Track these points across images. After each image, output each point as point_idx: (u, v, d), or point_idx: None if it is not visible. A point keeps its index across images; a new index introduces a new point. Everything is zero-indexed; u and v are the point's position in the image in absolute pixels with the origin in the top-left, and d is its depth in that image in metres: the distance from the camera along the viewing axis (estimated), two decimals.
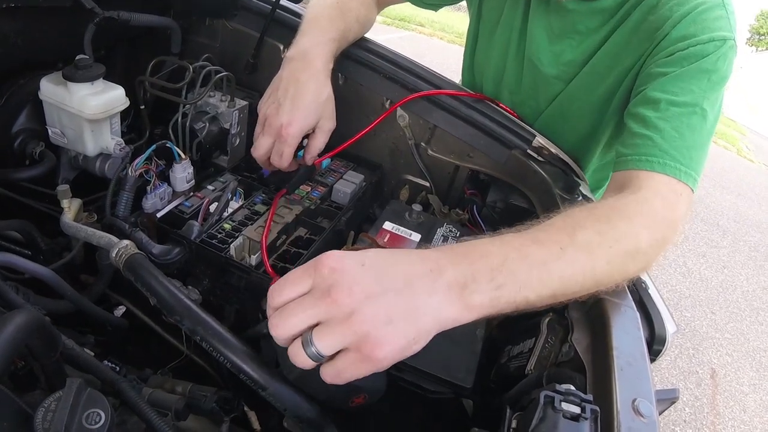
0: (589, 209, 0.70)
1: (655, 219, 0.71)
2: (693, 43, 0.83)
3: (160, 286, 0.62)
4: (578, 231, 0.64)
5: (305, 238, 0.89)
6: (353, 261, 0.52)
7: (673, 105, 0.81)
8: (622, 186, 0.78)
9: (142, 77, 0.92)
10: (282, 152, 0.90)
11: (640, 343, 0.66)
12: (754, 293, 4.27)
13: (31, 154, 0.86)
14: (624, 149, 0.83)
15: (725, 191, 6.62)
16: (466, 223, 1.09)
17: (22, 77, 0.85)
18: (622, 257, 0.66)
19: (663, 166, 0.77)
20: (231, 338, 0.58)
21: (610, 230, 0.66)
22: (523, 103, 1.16)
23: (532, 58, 1.09)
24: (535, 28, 1.06)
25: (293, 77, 0.91)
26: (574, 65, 1.04)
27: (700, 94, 0.81)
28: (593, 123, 1.08)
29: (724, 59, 0.83)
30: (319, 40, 0.95)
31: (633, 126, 0.84)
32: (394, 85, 1.09)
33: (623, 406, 0.54)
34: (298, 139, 0.90)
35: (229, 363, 0.58)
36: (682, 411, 2.78)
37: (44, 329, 0.48)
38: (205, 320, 0.59)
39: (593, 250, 0.63)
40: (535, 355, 0.70)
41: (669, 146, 0.78)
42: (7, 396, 0.42)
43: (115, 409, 0.55)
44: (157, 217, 0.85)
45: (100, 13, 0.82)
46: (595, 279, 0.64)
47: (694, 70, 0.82)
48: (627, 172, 0.80)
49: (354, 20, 1.04)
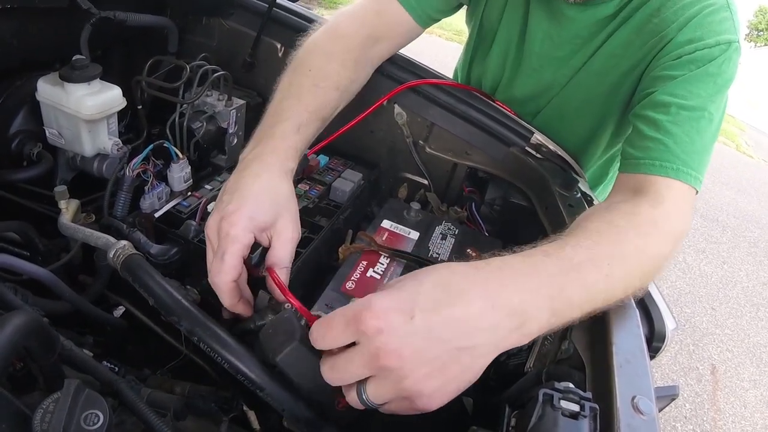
0: (628, 217, 0.70)
1: (675, 231, 0.73)
2: (700, 47, 0.83)
3: (157, 287, 0.62)
4: (623, 245, 0.65)
5: (303, 236, 0.89)
6: (400, 315, 0.47)
7: (683, 109, 0.81)
8: (638, 191, 0.78)
9: (139, 77, 0.92)
10: (223, 253, 0.65)
11: (639, 340, 0.66)
12: (754, 289, 4.27)
13: (28, 155, 0.86)
14: (635, 151, 0.83)
15: (725, 187, 6.61)
16: (465, 220, 1.09)
17: (18, 78, 0.85)
18: (649, 271, 0.68)
19: (677, 172, 0.78)
20: (229, 339, 0.57)
21: (647, 246, 0.67)
22: (521, 110, 1.15)
23: (532, 65, 1.08)
24: (534, 35, 1.05)
25: (238, 176, 0.73)
26: (574, 69, 1.04)
27: (707, 98, 0.81)
28: (592, 124, 1.08)
29: (729, 62, 0.83)
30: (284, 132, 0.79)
31: (644, 128, 0.84)
32: (393, 83, 1.09)
33: (623, 403, 0.54)
34: (246, 236, 0.66)
35: (227, 364, 0.58)
36: (682, 407, 2.78)
37: (42, 330, 0.48)
38: (203, 321, 0.59)
39: (631, 265, 0.64)
40: (535, 353, 0.70)
41: (681, 151, 0.79)
42: (6, 397, 0.42)
43: (113, 409, 0.55)
44: (155, 217, 0.85)
45: (96, 13, 0.82)
46: (626, 293, 0.65)
47: (702, 74, 0.82)
48: (641, 176, 0.80)
49: (332, 89, 0.89)
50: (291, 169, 0.77)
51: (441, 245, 0.92)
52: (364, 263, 0.83)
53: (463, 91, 1.11)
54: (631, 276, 0.65)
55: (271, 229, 0.70)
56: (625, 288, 0.65)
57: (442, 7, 1.04)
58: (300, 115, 0.81)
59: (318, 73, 0.88)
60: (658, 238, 0.69)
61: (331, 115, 0.90)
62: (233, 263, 0.65)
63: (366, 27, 0.98)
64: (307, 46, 0.93)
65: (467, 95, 1.09)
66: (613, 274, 0.61)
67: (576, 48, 1.02)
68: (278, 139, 0.77)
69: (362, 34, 0.97)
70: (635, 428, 0.52)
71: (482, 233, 1.06)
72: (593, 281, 0.59)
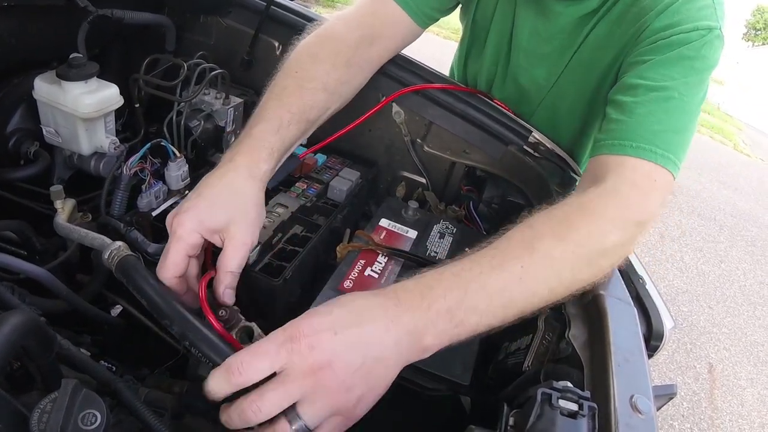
0: (547, 214, 0.68)
1: (624, 210, 0.70)
2: (676, 31, 0.81)
3: (150, 289, 0.62)
4: (536, 242, 0.63)
5: (301, 235, 0.89)
6: (326, 333, 0.53)
7: (651, 90, 0.78)
8: (595, 175, 0.76)
9: (137, 75, 0.91)
10: (167, 250, 0.66)
11: (637, 339, 0.66)
12: (751, 288, 4.28)
13: (25, 154, 0.85)
14: (599, 135, 0.81)
15: (722, 186, 6.63)
16: (463, 219, 1.09)
17: (15, 76, 0.85)
18: (588, 258, 0.66)
19: (636, 149, 0.74)
20: (221, 344, 0.57)
21: (571, 234, 0.65)
22: (516, 110, 1.15)
23: (522, 63, 1.08)
24: (521, 32, 1.05)
25: (209, 174, 0.73)
26: (561, 65, 1.03)
27: (679, 80, 0.78)
28: (584, 118, 1.08)
29: (709, 47, 0.80)
30: (262, 134, 0.77)
31: (610, 112, 0.82)
32: (390, 82, 1.09)
33: (621, 402, 0.54)
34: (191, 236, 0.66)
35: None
36: (680, 406, 2.79)
37: (40, 330, 0.48)
38: (194, 325, 0.58)
39: (555, 260, 0.63)
40: (533, 352, 0.70)
41: (644, 130, 0.75)
42: (3, 397, 0.42)
43: (111, 409, 0.55)
44: (153, 215, 0.85)
45: (93, 11, 0.82)
46: (562, 287, 0.64)
47: (676, 57, 0.80)
48: (599, 158, 0.78)
49: (320, 91, 0.86)
50: (264, 171, 0.75)
51: (439, 244, 0.92)
52: (362, 262, 0.83)
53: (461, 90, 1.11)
54: (559, 272, 0.63)
55: (224, 232, 0.68)
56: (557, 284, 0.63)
57: (439, 6, 1.04)
58: (281, 116, 0.80)
59: (304, 74, 0.87)
60: (592, 223, 0.67)
61: (320, 117, 0.88)
62: (175, 260, 0.65)
63: (360, 28, 0.97)
64: (297, 50, 0.92)
65: (466, 94, 1.09)
66: (527, 276, 0.61)
67: (562, 43, 1.01)
68: (255, 139, 0.76)
69: (356, 35, 0.95)
70: (633, 427, 0.52)
71: (480, 232, 1.06)
72: (500, 288, 0.60)
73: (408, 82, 1.08)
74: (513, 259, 0.62)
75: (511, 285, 0.60)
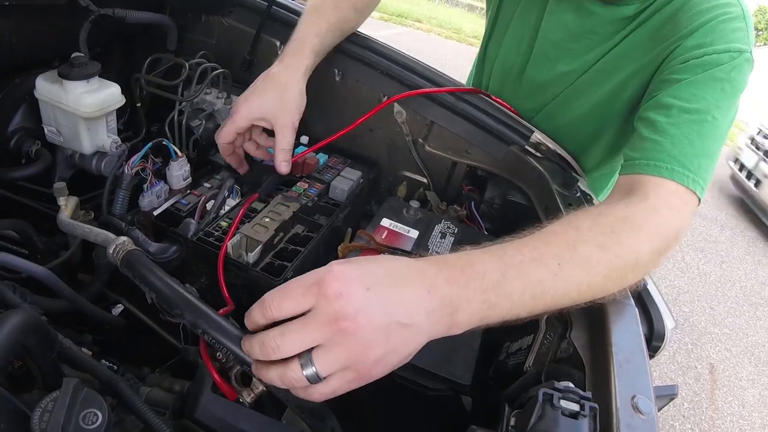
0: (594, 218, 0.68)
1: (660, 230, 0.70)
2: (709, 51, 0.82)
3: (158, 281, 0.62)
4: (580, 245, 0.63)
5: (302, 235, 0.89)
6: (359, 285, 0.51)
7: (685, 112, 0.80)
8: (630, 190, 0.77)
9: (138, 75, 0.91)
10: (224, 125, 0.91)
11: (638, 340, 0.66)
12: (752, 288, 4.28)
13: (27, 153, 0.85)
14: (632, 153, 0.82)
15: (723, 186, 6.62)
16: (464, 219, 1.09)
17: (17, 76, 0.85)
18: (621, 270, 0.66)
19: (671, 172, 0.76)
20: (233, 330, 0.57)
21: (613, 245, 0.65)
22: (527, 98, 1.15)
23: (544, 53, 1.09)
24: (550, 24, 1.06)
25: (266, 72, 0.93)
26: (586, 65, 1.04)
27: (712, 103, 0.80)
28: (595, 122, 1.08)
29: (739, 70, 0.82)
30: (305, 36, 0.96)
31: (643, 130, 0.83)
32: (392, 82, 1.09)
33: (622, 402, 0.54)
34: (242, 120, 0.90)
35: (233, 355, 0.58)
36: (681, 406, 2.79)
37: (41, 329, 0.48)
38: (206, 312, 0.59)
39: (592, 265, 0.63)
40: (534, 352, 0.70)
41: (678, 152, 0.77)
42: (5, 396, 0.42)
43: (112, 408, 0.55)
44: (154, 215, 0.85)
45: (95, 10, 0.82)
46: (590, 293, 0.64)
47: (708, 78, 0.81)
48: (635, 176, 0.79)
49: (351, 9, 1.04)
50: (305, 65, 0.94)
51: (440, 244, 0.92)
52: None
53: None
54: (592, 278, 0.63)
55: (272, 118, 0.91)
56: (586, 289, 0.63)
57: None
58: (319, 24, 0.98)
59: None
60: (633, 237, 0.67)
61: (350, 30, 1.08)
62: (228, 131, 0.91)
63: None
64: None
65: (467, 94, 1.09)
66: (562, 274, 0.60)
67: (591, 44, 1.02)
68: (298, 42, 0.95)
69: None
70: (634, 427, 0.52)
71: (481, 232, 1.06)
72: (536, 279, 0.59)
73: (410, 82, 1.08)
74: (553, 255, 0.61)
75: (545, 279, 0.59)
